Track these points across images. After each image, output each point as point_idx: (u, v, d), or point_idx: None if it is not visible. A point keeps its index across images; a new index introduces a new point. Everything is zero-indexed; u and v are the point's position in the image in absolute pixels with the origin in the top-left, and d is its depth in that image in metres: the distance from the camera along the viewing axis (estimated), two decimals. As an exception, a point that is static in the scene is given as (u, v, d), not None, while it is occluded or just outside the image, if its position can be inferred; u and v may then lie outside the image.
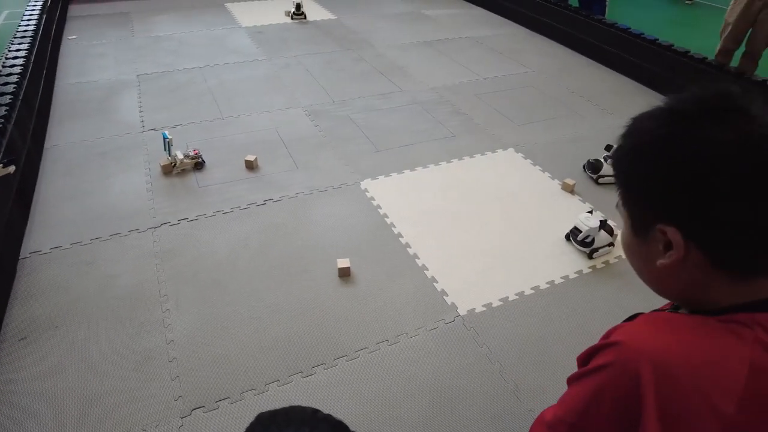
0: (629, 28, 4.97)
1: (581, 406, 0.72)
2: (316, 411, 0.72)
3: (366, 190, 3.17)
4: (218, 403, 1.94)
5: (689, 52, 4.43)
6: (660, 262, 0.70)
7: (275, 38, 5.69)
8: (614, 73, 5.05)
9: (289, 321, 2.28)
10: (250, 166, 3.31)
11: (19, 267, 2.54)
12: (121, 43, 5.47)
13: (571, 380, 0.77)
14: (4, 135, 2.82)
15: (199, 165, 3.29)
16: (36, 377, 2.02)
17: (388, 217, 2.94)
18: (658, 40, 4.67)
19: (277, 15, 6.43)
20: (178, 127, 3.79)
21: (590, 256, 2.72)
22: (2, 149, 2.72)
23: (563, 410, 0.76)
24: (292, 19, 6.30)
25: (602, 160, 3.31)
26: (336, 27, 6.13)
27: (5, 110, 2.99)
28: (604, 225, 2.74)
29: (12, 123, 2.97)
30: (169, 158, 3.25)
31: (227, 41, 5.57)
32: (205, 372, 2.05)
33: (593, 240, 2.71)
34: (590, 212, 2.78)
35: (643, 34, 4.83)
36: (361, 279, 2.52)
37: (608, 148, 3.35)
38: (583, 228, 2.72)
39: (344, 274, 2.52)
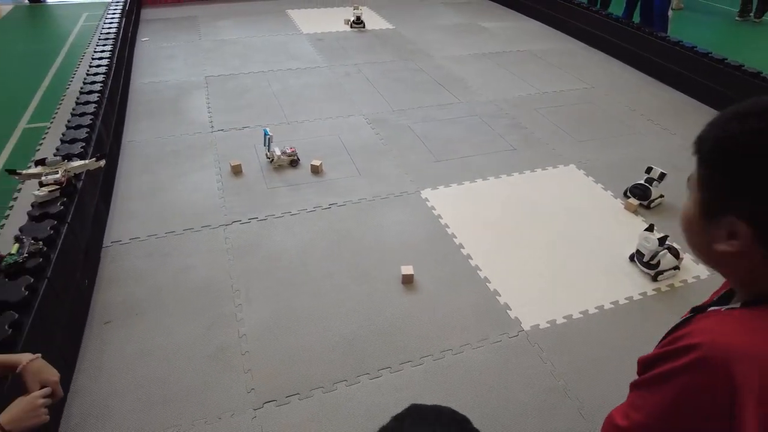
0: (695, 47, 4.86)
1: (663, 411, 0.71)
2: (466, 420, 0.75)
3: (426, 200, 3.22)
4: (289, 398, 2.02)
5: (761, 73, 4.30)
6: (720, 247, 0.71)
7: (335, 46, 5.83)
8: (676, 91, 4.95)
9: (355, 323, 2.35)
10: (316, 170, 3.42)
11: (102, 255, 2.71)
12: (189, 45, 5.72)
13: (643, 384, 0.76)
14: (93, 130, 3.01)
15: (294, 162, 3.46)
16: (120, 360, 2.15)
17: (449, 228, 2.98)
18: (726, 59, 4.55)
19: (336, 23, 6.59)
20: (246, 129, 3.95)
21: (655, 279, 2.69)
22: (92, 144, 2.90)
23: (642, 415, 0.74)
24: (351, 27, 6.44)
25: (647, 184, 3.23)
26: (394, 37, 6.23)
27: (94, 107, 3.19)
28: (670, 249, 2.70)
29: (99, 119, 3.16)
30: (268, 154, 3.45)
31: (289, 47, 5.75)
32: (275, 367, 2.14)
33: (659, 262, 2.68)
34: (649, 228, 2.74)
35: (711, 53, 4.72)
36: (423, 287, 2.57)
37: (648, 170, 3.26)
38: (645, 251, 2.68)
39: (408, 281, 2.58)
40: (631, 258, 2.80)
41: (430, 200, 3.21)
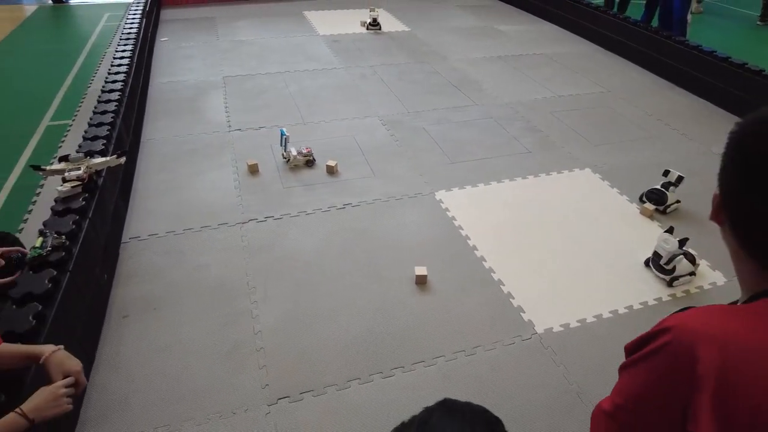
0: (714, 51, 4.81)
1: (638, 391, 0.74)
2: (498, 422, 0.76)
3: (440, 201, 3.23)
4: (303, 394, 2.04)
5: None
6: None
7: (351, 48, 5.87)
8: (694, 96, 4.91)
9: (368, 322, 2.36)
10: (331, 170, 3.44)
11: (121, 250, 2.76)
12: (207, 46, 5.80)
13: (624, 368, 0.79)
14: (114, 128, 3.07)
15: (310, 162, 3.50)
16: (138, 353, 2.19)
17: (462, 229, 2.99)
18: (747, 64, 4.50)
19: (352, 25, 6.62)
20: (263, 129, 3.99)
21: (670, 284, 2.67)
22: (113, 142, 2.96)
23: (622, 397, 0.77)
24: (367, 29, 6.47)
25: (663, 189, 3.21)
26: (409, 39, 6.25)
27: (115, 105, 3.25)
28: (686, 254, 2.68)
29: (120, 118, 3.22)
30: (284, 154, 3.49)
31: (306, 48, 5.79)
32: (290, 363, 2.16)
33: (675, 267, 2.66)
34: (669, 231, 2.72)
35: (730, 57, 4.67)
36: (437, 287, 2.58)
37: (666, 173, 3.23)
38: (663, 252, 2.66)
39: (421, 281, 2.59)
40: (647, 263, 2.78)
41: (445, 202, 3.22)
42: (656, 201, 3.20)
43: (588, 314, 2.45)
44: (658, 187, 3.21)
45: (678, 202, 3.23)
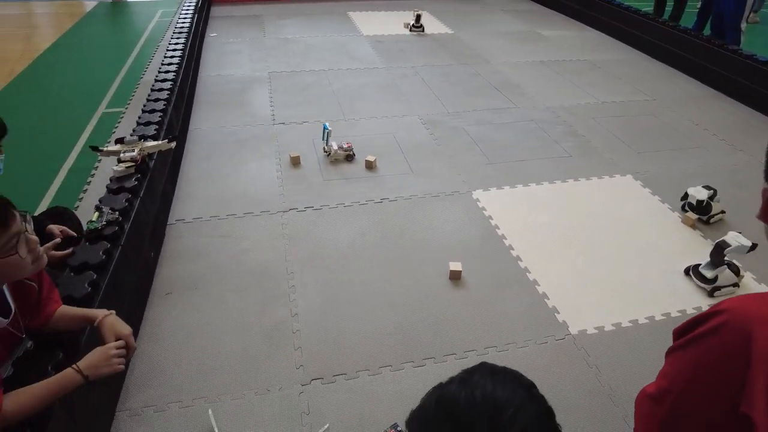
0: (769, 62, 4.66)
1: (688, 373, 0.73)
2: (533, 386, 0.79)
3: (478, 200, 3.24)
4: (335, 377, 2.09)
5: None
6: None
7: (394, 48, 5.94)
8: (744, 107, 4.76)
9: (402, 313, 2.40)
10: (370, 166, 3.50)
11: (167, 231, 2.88)
12: (254, 42, 5.97)
13: (672, 351, 0.78)
14: (165, 115, 3.21)
15: (350, 157, 3.58)
16: (179, 328, 2.29)
17: (499, 229, 2.99)
18: (803, 77, 4.35)
19: (396, 26, 6.70)
20: (305, 124, 4.09)
21: (711, 294, 2.60)
22: (164, 127, 3.10)
23: (668, 381, 0.77)
24: (410, 31, 6.53)
25: (709, 200, 3.11)
26: (452, 41, 6.28)
27: (167, 94, 3.40)
28: (730, 265, 2.62)
29: (171, 106, 3.36)
30: (326, 148, 3.58)
31: (349, 48, 5.89)
32: (324, 347, 2.22)
33: (717, 277, 2.60)
34: (753, 248, 2.64)
35: (786, 69, 4.51)
36: (471, 284, 2.59)
37: (707, 188, 3.13)
38: (733, 243, 2.57)
39: (455, 277, 2.61)
40: (687, 271, 2.72)
41: (482, 201, 3.23)
42: (701, 212, 3.09)
43: (623, 318, 2.42)
44: (704, 198, 3.08)
45: (722, 212, 3.14)
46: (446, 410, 0.75)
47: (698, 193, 3.08)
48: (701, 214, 3.11)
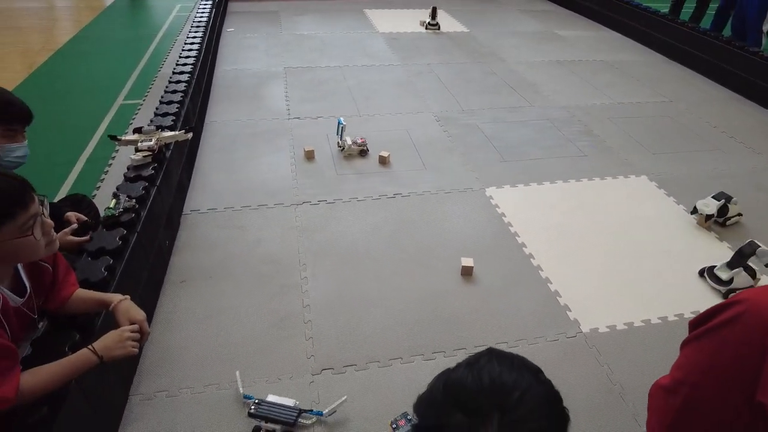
0: (791, 65, 4.59)
1: (705, 364, 0.73)
2: (540, 371, 0.79)
3: (491, 197, 3.23)
4: (345, 368, 2.10)
5: None
6: None
7: (410, 46, 5.94)
8: (764, 110, 4.69)
9: (413, 307, 2.40)
10: (383, 161, 3.51)
11: (182, 221, 2.91)
12: (270, 38, 6.00)
13: (688, 342, 0.77)
14: (182, 107, 3.24)
15: (363, 152, 3.59)
16: (192, 316, 2.31)
17: (512, 226, 2.98)
18: (825, 80, 4.27)
19: (412, 24, 6.69)
20: (320, 119, 4.11)
21: (726, 297, 2.58)
22: (181, 118, 3.13)
23: (683, 372, 0.76)
24: (426, 29, 6.52)
25: (726, 202, 3.06)
26: (468, 40, 6.26)
27: (184, 86, 3.44)
28: (747, 268, 2.59)
29: (188, 98, 3.40)
30: (340, 142, 3.59)
31: (365, 45, 5.90)
32: (335, 338, 2.23)
33: (732, 279, 2.57)
34: None
35: (808, 72, 4.44)
36: (483, 280, 2.59)
37: (718, 198, 3.08)
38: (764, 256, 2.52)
39: (467, 272, 2.61)
40: (701, 273, 2.69)
41: (495, 198, 3.22)
42: (719, 213, 3.05)
43: (636, 318, 2.40)
44: (724, 201, 3.03)
45: (740, 215, 3.10)
46: (453, 394, 0.76)
47: (707, 207, 3.03)
48: (718, 216, 3.07)
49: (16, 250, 1.34)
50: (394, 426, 1.22)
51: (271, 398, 1.88)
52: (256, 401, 1.86)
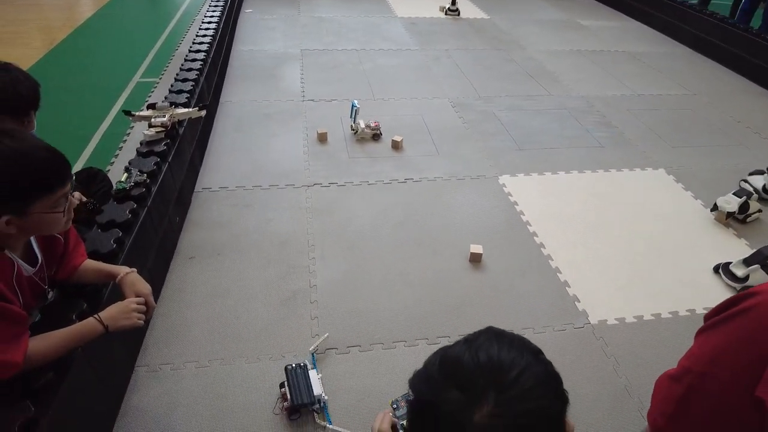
0: (821, 60, 4.44)
1: (714, 352, 0.72)
2: (540, 351, 0.77)
3: (504, 185, 3.19)
4: (349, 348, 2.11)
5: None
6: None
7: (428, 31, 5.86)
8: (792, 107, 4.56)
9: (419, 291, 2.39)
10: (396, 146, 3.48)
11: (193, 198, 2.92)
12: (288, 20, 5.97)
13: (701, 331, 0.76)
14: (197, 85, 3.24)
15: (376, 136, 3.57)
16: (200, 292, 2.33)
17: (523, 215, 2.95)
18: None
19: (431, 9, 6.61)
20: (334, 101, 4.09)
21: (741, 294, 2.52)
22: (195, 96, 3.13)
23: (691, 361, 0.75)
24: (446, 14, 6.44)
25: (747, 198, 2.98)
26: (488, 26, 6.16)
27: (200, 65, 3.44)
28: (764, 266, 2.52)
29: (203, 76, 3.40)
30: (353, 125, 3.57)
31: (383, 29, 5.85)
32: (340, 318, 2.23)
33: (748, 276, 2.51)
34: None
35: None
36: (491, 267, 2.56)
37: (739, 195, 3.02)
38: None
39: (475, 259, 2.58)
40: (716, 269, 2.64)
41: (508, 186, 3.18)
42: (739, 209, 2.97)
43: (646, 312, 2.37)
44: (744, 197, 2.95)
45: (759, 211, 3.03)
46: (449, 370, 0.74)
47: (728, 204, 2.96)
48: (738, 212, 3.00)
49: (41, 223, 1.34)
50: (395, 406, 1.22)
51: (312, 375, 1.87)
52: (300, 365, 1.87)
